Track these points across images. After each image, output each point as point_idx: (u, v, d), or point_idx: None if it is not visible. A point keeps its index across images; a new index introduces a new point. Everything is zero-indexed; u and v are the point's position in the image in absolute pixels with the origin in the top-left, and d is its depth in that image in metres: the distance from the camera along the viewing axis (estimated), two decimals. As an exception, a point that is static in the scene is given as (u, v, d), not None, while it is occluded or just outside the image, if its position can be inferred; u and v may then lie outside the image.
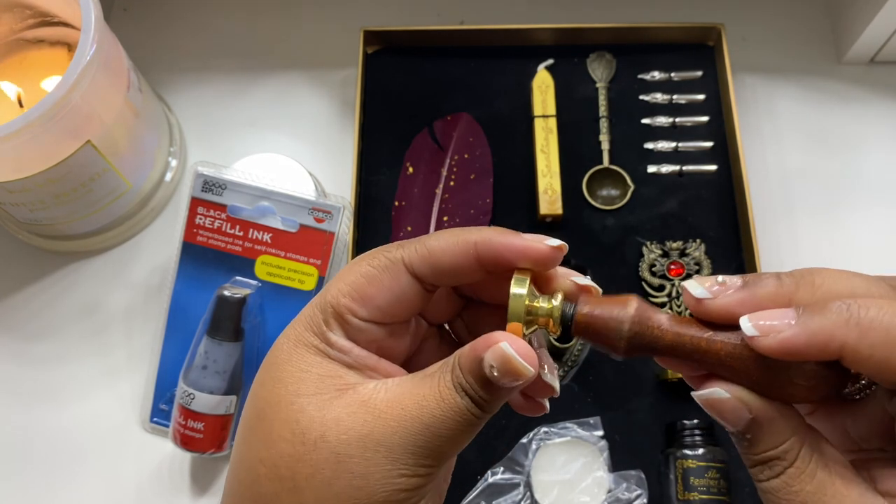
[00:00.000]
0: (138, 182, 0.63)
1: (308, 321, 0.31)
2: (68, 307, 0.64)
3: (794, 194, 0.67)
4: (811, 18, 0.73)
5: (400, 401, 0.29)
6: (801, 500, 0.27)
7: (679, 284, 0.29)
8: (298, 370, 0.30)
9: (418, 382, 0.29)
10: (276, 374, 0.30)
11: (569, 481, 0.55)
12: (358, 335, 0.30)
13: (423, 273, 0.30)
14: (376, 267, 0.31)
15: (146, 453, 0.60)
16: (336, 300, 0.30)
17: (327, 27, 0.73)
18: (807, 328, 0.26)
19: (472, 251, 0.30)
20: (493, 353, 0.28)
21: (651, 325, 0.29)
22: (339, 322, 0.30)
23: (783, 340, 0.26)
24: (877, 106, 0.69)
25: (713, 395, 0.28)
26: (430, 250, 0.30)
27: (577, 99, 0.67)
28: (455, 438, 0.29)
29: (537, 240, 0.30)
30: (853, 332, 0.25)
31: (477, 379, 0.29)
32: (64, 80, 0.51)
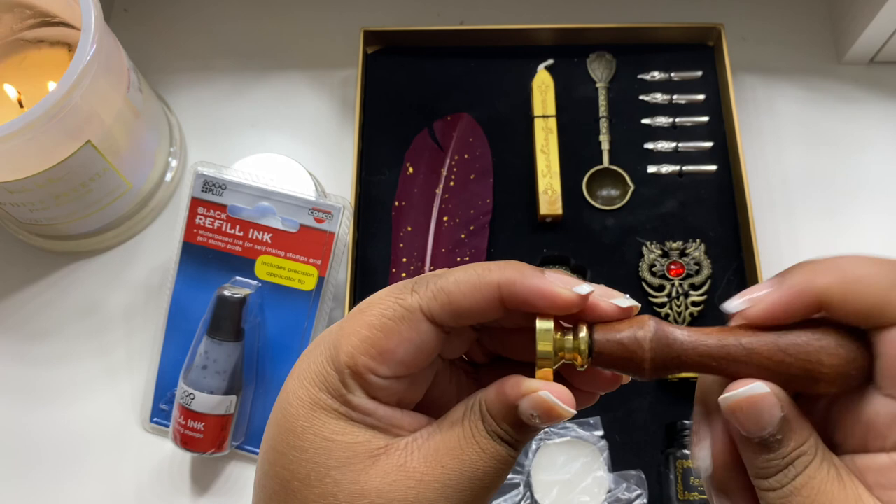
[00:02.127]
0: (138, 182, 0.63)
1: (321, 381, 0.28)
2: (68, 307, 0.64)
3: (794, 194, 0.67)
4: (811, 18, 0.73)
5: (437, 458, 0.27)
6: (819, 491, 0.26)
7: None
8: (322, 438, 0.27)
9: (450, 434, 0.28)
10: (297, 442, 0.28)
11: (569, 481, 0.55)
12: (379, 392, 0.28)
13: (443, 319, 0.28)
14: (392, 318, 0.28)
15: (146, 453, 0.60)
16: (353, 360, 0.28)
17: (327, 27, 0.73)
18: (786, 287, 0.27)
19: (496, 295, 0.28)
20: (533, 403, 0.27)
21: (671, 341, 0.28)
22: (358, 382, 0.28)
23: (767, 305, 0.27)
24: (877, 106, 0.69)
25: (753, 391, 0.27)
26: (449, 296, 0.28)
27: (577, 99, 0.67)
28: (496, 484, 0.28)
29: (565, 285, 0.28)
30: (830, 276, 0.27)
31: (512, 424, 0.28)
32: (64, 80, 0.51)
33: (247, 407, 0.58)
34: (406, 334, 0.28)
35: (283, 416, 0.28)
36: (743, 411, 0.27)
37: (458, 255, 0.61)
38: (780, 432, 0.27)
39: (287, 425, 0.28)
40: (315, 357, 0.29)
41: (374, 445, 0.28)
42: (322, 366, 0.28)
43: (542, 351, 0.28)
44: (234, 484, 0.59)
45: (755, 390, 0.27)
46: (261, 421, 0.58)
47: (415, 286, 0.29)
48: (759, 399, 0.27)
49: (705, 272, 0.61)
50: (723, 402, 0.27)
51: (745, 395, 0.27)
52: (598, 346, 0.28)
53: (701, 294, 0.61)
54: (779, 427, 0.27)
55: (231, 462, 0.59)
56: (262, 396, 0.58)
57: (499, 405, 0.28)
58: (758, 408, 0.27)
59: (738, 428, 0.27)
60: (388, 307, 0.28)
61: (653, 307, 0.61)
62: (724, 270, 0.62)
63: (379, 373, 0.28)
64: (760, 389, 0.27)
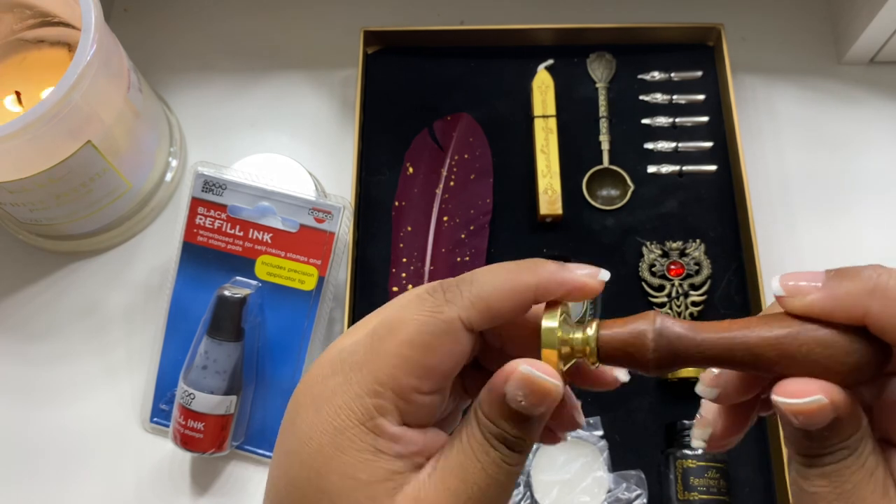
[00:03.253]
0: (138, 182, 0.63)
1: (352, 410, 0.27)
2: (68, 307, 0.64)
3: (794, 194, 0.67)
4: (811, 18, 0.73)
5: (445, 484, 0.27)
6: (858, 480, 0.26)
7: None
8: (345, 477, 0.26)
9: (452, 454, 0.27)
10: (317, 481, 0.27)
11: (569, 481, 0.55)
12: (416, 413, 0.28)
13: (481, 326, 0.28)
14: (433, 333, 0.27)
15: (146, 453, 0.60)
16: (396, 381, 0.27)
17: (327, 27, 0.73)
18: (833, 292, 0.26)
19: (531, 297, 0.28)
20: (515, 381, 0.27)
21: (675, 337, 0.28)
22: (397, 405, 0.27)
23: (810, 302, 0.26)
24: (876, 106, 0.69)
25: (815, 402, 0.25)
26: (487, 303, 0.27)
27: (577, 99, 0.67)
28: (504, 497, 0.28)
29: (591, 276, 0.28)
30: (878, 301, 0.25)
31: (506, 418, 0.27)
32: (64, 80, 0.51)
33: (247, 407, 0.58)
34: (448, 347, 0.27)
35: (301, 449, 0.27)
36: (798, 415, 0.26)
37: (458, 255, 0.61)
38: (829, 429, 0.26)
39: (307, 461, 0.27)
40: (342, 384, 0.27)
41: (394, 481, 0.27)
42: (355, 393, 0.27)
43: (554, 350, 0.28)
44: (234, 484, 0.59)
45: (818, 402, 0.26)
46: (261, 421, 0.58)
47: (447, 295, 0.28)
48: (816, 409, 0.26)
49: (705, 272, 0.61)
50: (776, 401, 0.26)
51: (805, 404, 0.26)
52: (604, 341, 0.28)
53: (701, 294, 0.61)
54: (830, 424, 0.26)
55: (231, 462, 0.59)
56: (262, 396, 0.58)
57: (490, 401, 0.27)
58: (814, 415, 0.26)
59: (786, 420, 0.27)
60: (426, 322, 0.27)
61: (653, 307, 0.61)
62: (723, 270, 0.62)
63: (424, 390, 0.27)
64: (820, 401, 0.26)
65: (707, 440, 0.30)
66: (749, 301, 0.61)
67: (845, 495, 0.26)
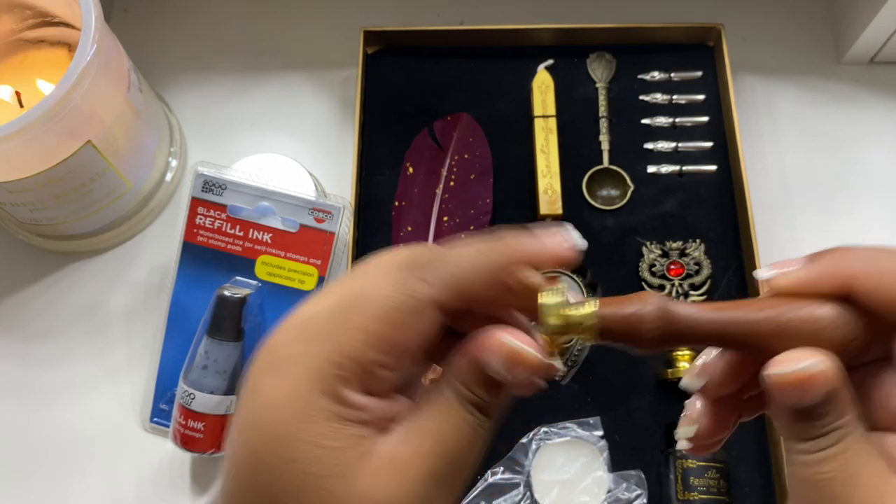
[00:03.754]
0: (138, 182, 0.63)
1: (316, 380, 0.26)
2: (69, 307, 0.64)
3: (794, 194, 0.67)
4: (811, 19, 0.73)
5: (419, 445, 0.27)
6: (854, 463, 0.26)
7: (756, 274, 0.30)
8: (314, 446, 0.26)
9: (425, 416, 0.27)
10: (284, 451, 0.26)
11: (569, 481, 0.55)
12: (378, 384, 0.27)
13: (454, 307, 0.28)
14: (403, 311, 0.27)
15: (146, 453, 0.60)
16: (361, 354, 0.26)
17: (327, 27, 0.73)
18: (815, 265, 0.28)
19: (505, 276, 0.28)
20: (498, 353, 0.27)
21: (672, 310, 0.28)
22: (361, 378, 0.27)
23: (795, 277, 0.28)
24: (876, 106, 0.69)
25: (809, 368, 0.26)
26: (461, 284, 0.27)
27: (577, 99, 0.67)
28: (472, 460, 0.28)
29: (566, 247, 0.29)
30: (862, 264, 0.27)
31: (482, 385, 0.27)
32: (64, 80, 0.51)
33: (247, 407, 0.58)
34: (417, 325, 0.27)
35: (264, 421, 0.26)
36: (793, 386, 0.26)
37: (458, 255, 0.61)
38: (825, 405, 0.26)
39: (272, 431, 0.26)
40: (304, 354, 0.27)
41: (363, 445, 0.27)
42: (318, 364, 0.26)
43: (553, 325, 0.28)
44: (235, 484, 0.59)
45: (812, 367, 0.26)
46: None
47: (420, 272, 0.27)
48: (810, 377, 0.26)
49: (705, 272, 0.61)
50: (769, 377, 0.26)
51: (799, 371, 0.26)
52: (604, 317, 0.29)
53: (701, 294, 0.61)
54: (824, 398, 0.26)
55: (231, 462, 0.59)
56: (262, 396, 0.58)
57: (465, 366, 0.28)
58: (809, 384, 0.26)
59: (780, 399, 0.27)
60: (397, 300, 0.27)
61: (653, 307, 0.61)
62: (723, 270, 0.62)
63: (389, 365, 0.27)
64: (816, 367, 0.26)
65: (692, 438, 0.31)
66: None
67: (851, 479, 0.26)
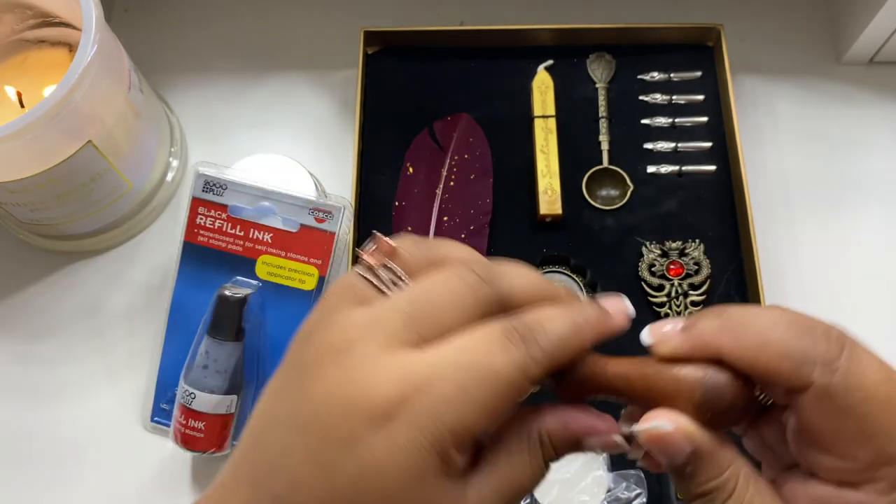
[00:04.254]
0: (139, 182, 0.63)
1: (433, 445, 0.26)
2: (69, 307, 0.64)
3: (794, 194, 0.67)
4: (810, 19, 0.73)
5: (502, 490, 0.29)
6: None
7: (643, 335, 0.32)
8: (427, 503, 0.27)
9: (511, 469, 0.29)
10: None
11: (568, 480, 0.55)
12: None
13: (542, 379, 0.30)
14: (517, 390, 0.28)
15: (147, 453, 0.60)
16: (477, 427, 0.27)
17: (327, 28, 0.73)
18: (689, 334, 0.29)
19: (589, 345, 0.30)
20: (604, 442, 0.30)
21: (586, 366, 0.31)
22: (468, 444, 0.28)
23: (673, 347, 0.29)
24: (876, 106, 0.70)
25: (656, 428, 0.28)
26: (554, 360, 0.29)
27: (576, 99, 0.67)
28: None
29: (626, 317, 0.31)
30: (727, 335, 0.28)
31: (569, 450, 0.30)
32: (65, 80, 0.51)
33: (247, 406, 0.58)
34: (520, 399, 0.29)
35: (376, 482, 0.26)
36: (651, 444, 0.28)
37: (458, 255, 0.62)
38: (691, 464, 0.28)
39: (385, 492, 0.26)
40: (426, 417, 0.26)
41: (462, 494, 0.28)
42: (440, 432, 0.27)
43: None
44: (235, 483, 0.59)
45: (659, 427, 0.28)
46: (261, 420, 0.58)
47: (528, 348, 0.28)
48: (662, 435, 0.28)
49: (704, 272, 0.61)
50: (637, 432, 0.29)
51: (648, 429, 0.28)
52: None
53: (700, 294, 0.61)
54: (688, 459, 0.28)
55: (232, 461, 0.60)
56: (262, 396, 0.58)
57: (564, 438, 0.29)
58: (663, 443, 0.28)
59: (651, 454, 0.29)
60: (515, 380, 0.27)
61: (652, 307, 0.61)
62: (723, 270, 0.62)
63: (486, 431, 0.29)
64: (664, 426, 0.28)
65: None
66: (748, 301, 0.61)
67: None
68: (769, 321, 0.28)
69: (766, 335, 0.28)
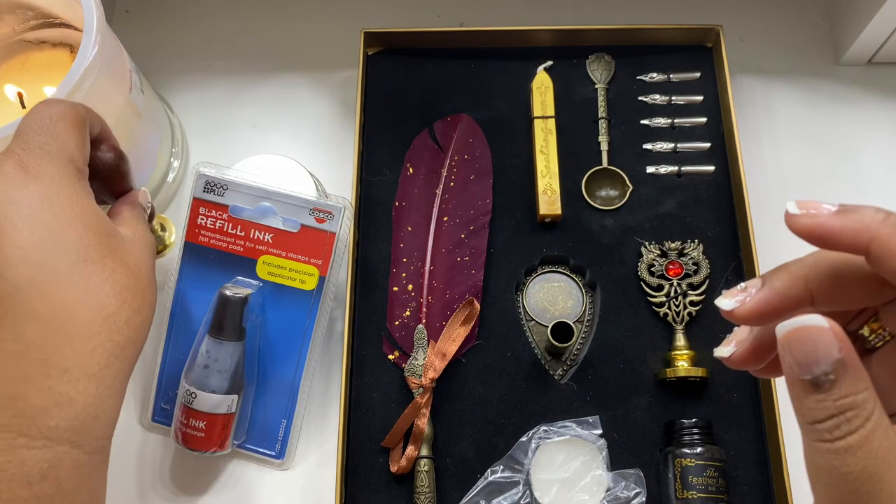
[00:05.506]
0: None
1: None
2: (70, 307, 0.64)
3: (792, 194, 0.67)
4: (809, 20, 0.73)
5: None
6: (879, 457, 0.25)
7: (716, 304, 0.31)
8: None
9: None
10: None
11: (568, 480, 0.56)
12: None
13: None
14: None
15: (148, 452, 0.60)
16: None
17: (328, 29, 0.73)
18: (844, 216, 0.28)
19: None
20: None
21: None
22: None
23: (821, 220, 0.28)
24: (874, 107, 0.70)
25: (811, 321, 0.26)
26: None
27: (576, 100, 0.67)
28: None
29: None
30: (885, 228, 0.27)
31: None
32: (66, 81, 0.51)
33: (248, 406, 0.58)
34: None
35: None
36: (799, 342, 0.26)
37: (457, 255, 0.62)
38: (835, 373, 0.26)
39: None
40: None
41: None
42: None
43: None
44: (236, 483, 0.59)
45: (814, 321, 0.26)
46: (262, 420, 0.59)
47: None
48: (816, 332, 0.26)
49: (703, 272, 0.61)
50: (779, 331, 0.27)
51: (802, 324, 0.26)
52: None
53: (699, 294, 0.61)
54: (833, 367, 0.26)
55: (232, 461, 0.60)
56: (263, 395, 0.59)
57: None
58: (814, 341, 0.26)
59: (791, 365, 0.26)
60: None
61: (651, 307, 0.61)
62: (722, 270, 0.62)
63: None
64: (819, 322, 0.26)
65: (727, 357, 0.32)
66: (747, 301, 0.61)
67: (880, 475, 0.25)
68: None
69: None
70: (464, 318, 0.58)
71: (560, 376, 0.60)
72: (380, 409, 0.59)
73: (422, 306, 0.60)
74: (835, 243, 0.28)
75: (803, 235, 0.29)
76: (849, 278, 0.29)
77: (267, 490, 0.59)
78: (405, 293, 0.61)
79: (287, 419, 0.58)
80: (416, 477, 0.56)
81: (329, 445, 0.60)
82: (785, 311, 0.29)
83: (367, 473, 0.58)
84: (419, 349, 0.59)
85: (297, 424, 0.59)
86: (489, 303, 0.61)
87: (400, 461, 0.57)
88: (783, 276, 0.30)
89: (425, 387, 0.57)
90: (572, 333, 0.57)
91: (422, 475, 0.56)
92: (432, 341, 0.59)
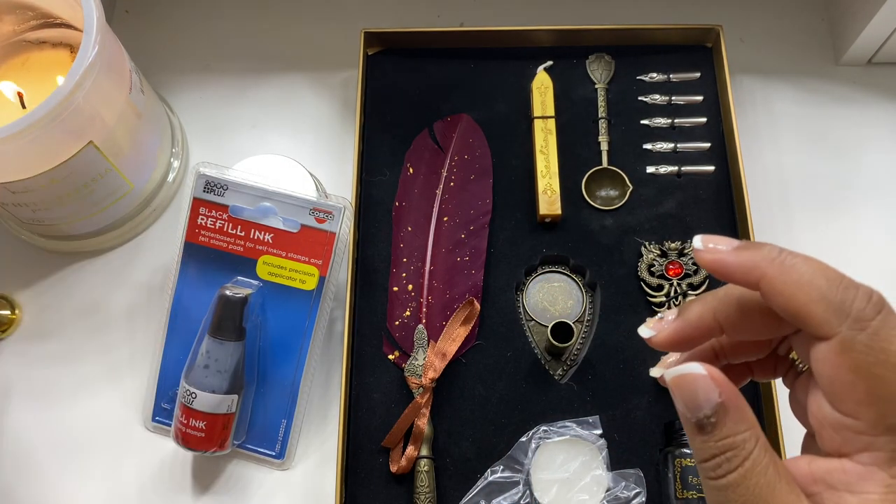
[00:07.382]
0: (140, 183, 0.63)
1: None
2: (71, 307, 0.64)
3: (792, 195, 0.67)
4: (809, 20, 0.73)
5: None
6: (756, 493, 0.27)
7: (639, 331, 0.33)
8: None
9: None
10: None
11: (568, 480, 0.56)
12: None
13: None
14: None
15: (148, 452, 0.60)
16: None
17: (328, 29, 0.73)
18: (739, 252, 0.30)
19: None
20: None
21: None
22: None
23: (718, 257, 0.30)
24: (874, 107, 0.70)
25: (689, 369, 0.28)
26: None
27: (576, 100, 0.67)
28: None
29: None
30: (774, 267, 0.28)
31: None
32: (66, 81, 0.51)
33: (248, 406, 0.58)
34: None
35: None
36: (681, 388, 0.28)
37: (457, 255, 0.62)
38: (715, 415, 0.28)
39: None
40: None
41: None
42: None
43: None
44: (236, 483, 0.59)
45: (692, 369, 0.28)
46: (262, 420, 0.59)
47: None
48: (695, 379, 0.28)
49: (703, 272, 0.61)
50: (667, 376, 0.29)
51: (684, 371, 0.28)
52: None
53: (699, 294, 0.61)
54: (713, 410, 0.28)
55: (232, 461, 0.60)
56: (263, 395, 0.59)
57: None
58: (694, 387, 0.28)
59: (680, 408, 0.29)
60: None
61: (651, 307, 0.61)
62: (722, 270, 0.62)
63: None
64: (697, 369, 0.28)
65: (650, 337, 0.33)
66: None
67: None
68: (818, 267, 0.28)
69: (812, 276, 0.28)
70: (464, 318, 0.59)
71: (560, 376, 0.60)
72: (380, 409, 0.59)
73: (422, 306, 0.60)
74: (732, 278, 0.30)
75: (707, 269, 0.30)
76: (752, 311, 0.31)
77: (267, 490, 0.59)
78: (405, 293, 0.61)
79: (287, 419, 0.58)
80: (416, 477, 0.56)
81: (329, 445, 0.60)
82: (697, 339, 0.32)
83: (367, 473, 0.58)
84: (419, 349, 0.59)
85: (297, 424, 0.59)
86: (489, 303, 0.61)
87: (400, 461, 0.57)
88: (696, 308, 0.32)
89: (425, 387, 0.57)
90: (572, 333, 0.57)
91: (422, 475, 0.56)
92: (432, 341, 0.59)
